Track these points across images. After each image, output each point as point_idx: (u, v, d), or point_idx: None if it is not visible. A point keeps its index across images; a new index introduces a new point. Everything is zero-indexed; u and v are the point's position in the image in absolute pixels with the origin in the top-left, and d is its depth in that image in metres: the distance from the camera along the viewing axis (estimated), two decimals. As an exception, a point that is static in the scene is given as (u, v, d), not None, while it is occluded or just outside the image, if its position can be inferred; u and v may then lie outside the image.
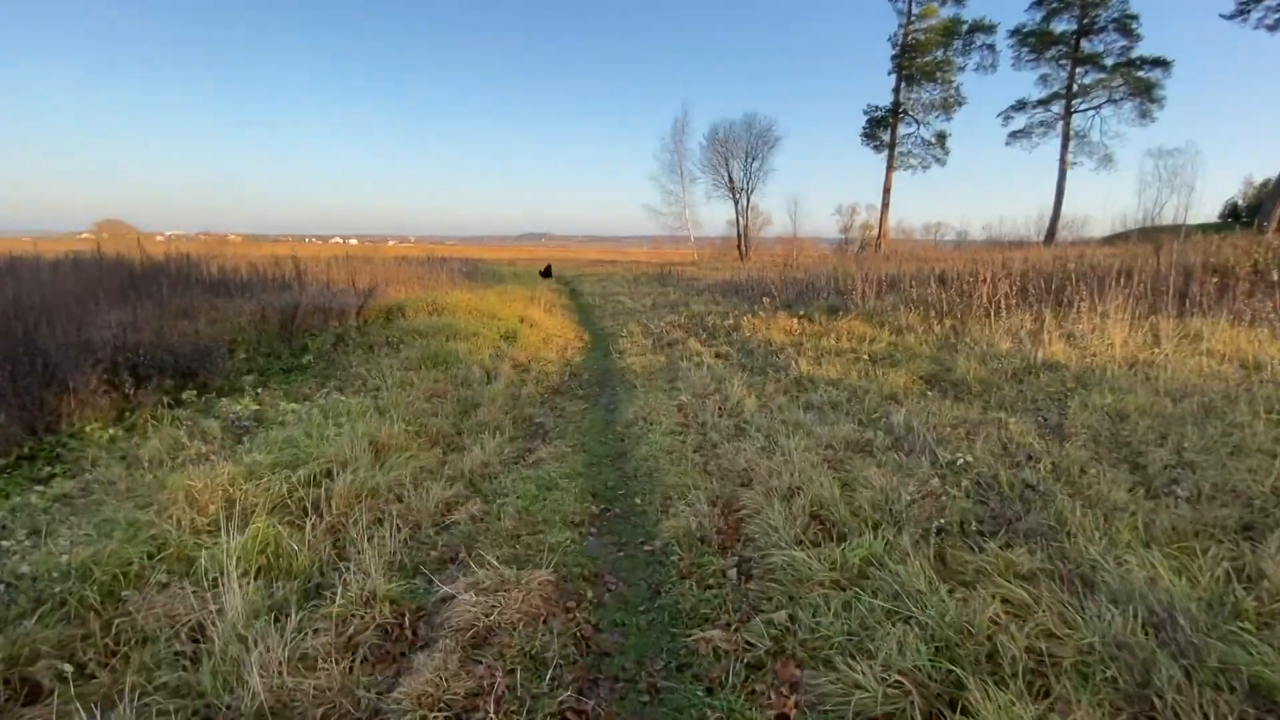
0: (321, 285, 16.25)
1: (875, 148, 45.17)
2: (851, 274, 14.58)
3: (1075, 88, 41.63)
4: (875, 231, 46.46)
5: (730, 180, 47.26)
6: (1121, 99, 41.18)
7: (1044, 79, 42.55)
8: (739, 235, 48.09)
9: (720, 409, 7.05)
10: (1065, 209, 41.98)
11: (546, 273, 28.71)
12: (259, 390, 8.36)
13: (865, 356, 8.98)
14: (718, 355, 10.37)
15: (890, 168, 44.70)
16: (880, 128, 44.63)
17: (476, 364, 9.74)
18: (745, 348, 10.65)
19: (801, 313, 12.64)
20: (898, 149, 44.43)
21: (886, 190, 45.37)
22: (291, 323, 12.43)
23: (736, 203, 47.80)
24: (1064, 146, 42.93)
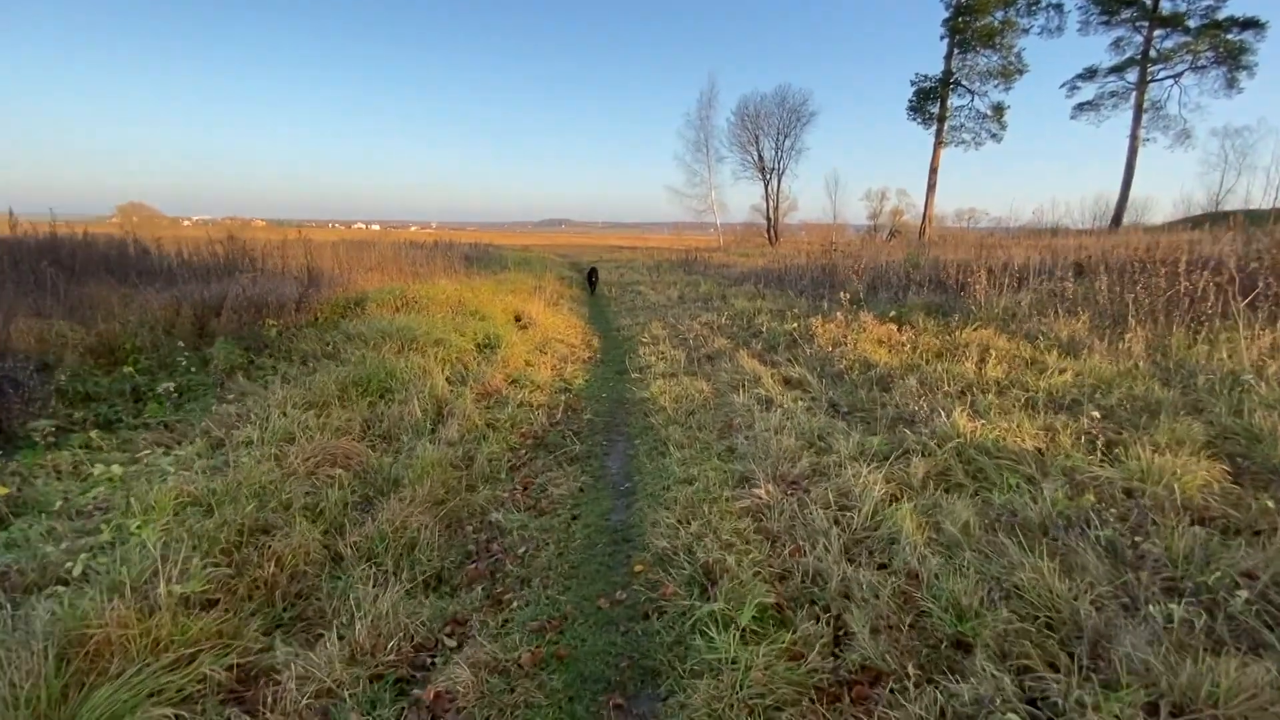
0: (277, 273, 13.02)
1: (923, 122, 40.69)
2: (949, 260, 10.89)
3: (1153, 53, 36.77)
4: (904, 218, 42.22)
5: (760, 159, 43.31)
6: (1205, 65, 36.21)
7: (1117, 44, 37.70)
8: (768, 219, 44.18)
9: (845, 529, 3.56)
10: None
11: (591, 280, 19.46)
12: (71, 436, 5.09)
13: (1042, 395, 5.42)
14: (788, 382, 6.85)
15: (938, 144, 40.26)
16: (929, 100, 40.12)
17: (423, 393, 6.34)
18: (827, 369, 7.10)
19: (892, 314, 9.03)
20: (948, 123, 39.97)
21: (934, 170, 40.97)
22: (216, 318, 9.17)
23: (766, 184, 43.87)
24: (1136, 120, 38.08)
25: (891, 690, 2.36)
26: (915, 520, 3.53)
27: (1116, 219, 36.07)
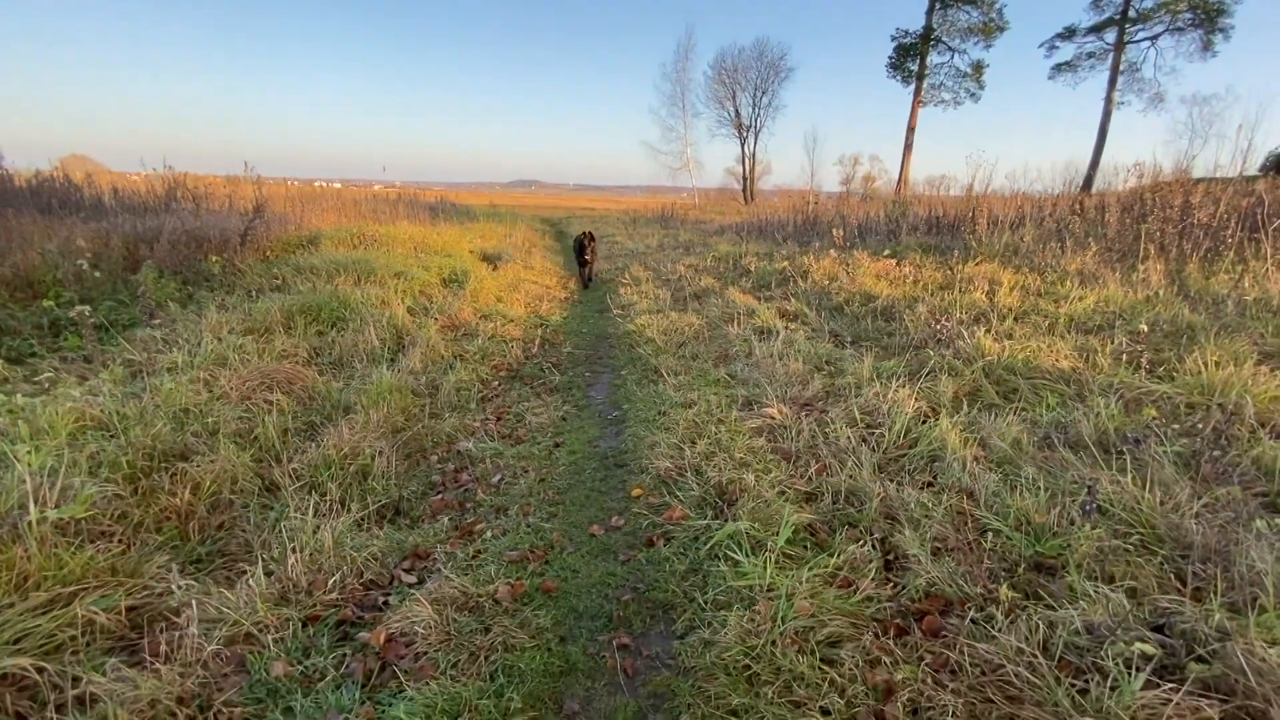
0: (222, 211, 11.85)
1: (902, 80, 39.94)
2: (945, 202, 10.43)
3: (1132, 13, 36.53)
4: (876, 184, 41.80)
5: (737, 115, 42.16)
6: (1183, 27, 36.15)
7: (1096, 3, 37.36)
8: (744, 178, 43.31)
9: (875, 448, 3.06)
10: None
11: (583, 258, 10.11)
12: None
13: (1064, 321, 5.00)
14: (785, 315, 6.32)
15: (917, 102, 39.66)
16: (909, 56, 39.33)
17: (381, 323, 5.62)
18: (825, 303, 6.59)
19: (887, 252, 8.54)
20: (927, 81, 39.33)
21: (911, 129, 40.41)
22: (150, 251, 8.16)
23: (743, 142, 42.84)
24: (1111, 82, 37.96)
25: (973, 621, 1.87)
26: (959, 436, 3.04)
27: (1088, 182, 36.17)
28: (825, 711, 1.60)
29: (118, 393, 3.90)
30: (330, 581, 2.35)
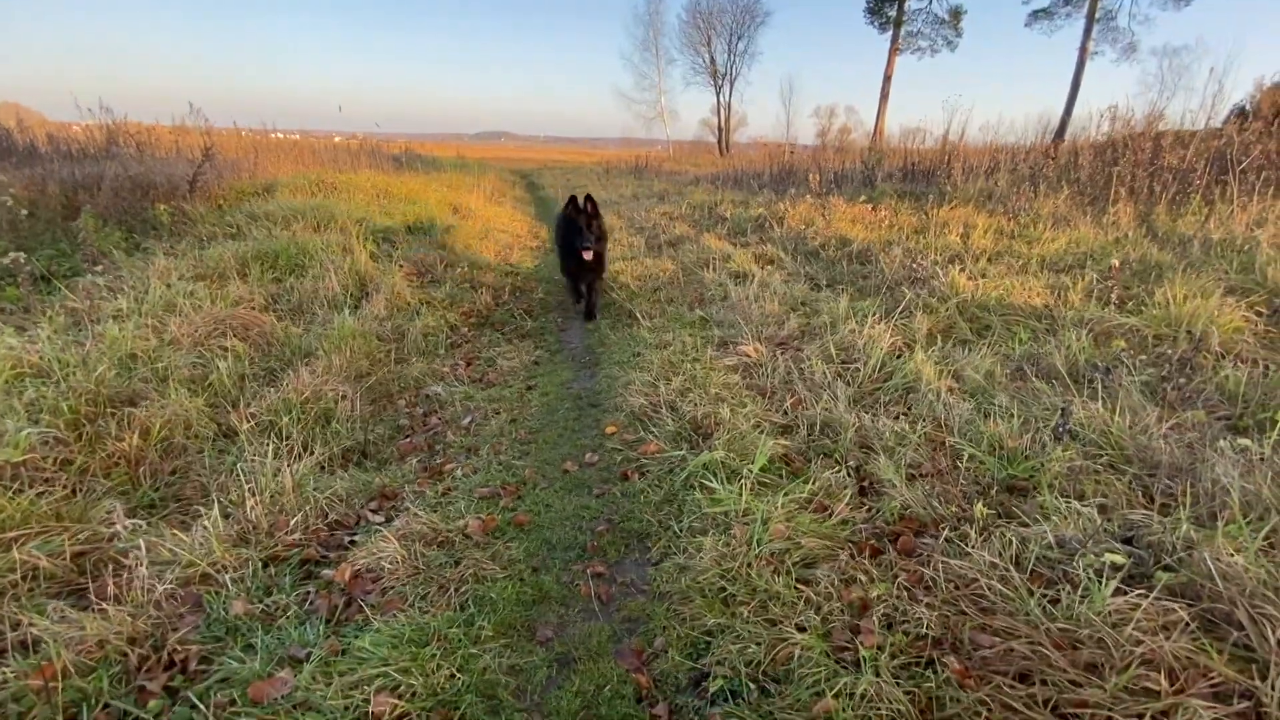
0: (169, 158, 11.15)
1: (880, 26, 39.09)
2: (920, 151, 10.32)
3: (1112, -44, 36.03)
4: (852, 136, 41.29)
5: (712, 62, 40.99)
6: (1160, -28, 35.87)
7: (1076, -54, 36.72)
8: (719, 129, 42.46)
9: (850, 382, 3.04)
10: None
11: (570, 250, 4.61)
12: None
13: (1036, 261, 5.01)
14: (761, 260, 6.23)
15: (894, 50, 38.91)
16: (887, 2, 38.46)
17: (343, 269, 5.38)
18: (801, 247, 6.51)
19: (863, 198, 8.45)
20: (904, 28, 38.55)
21: (887, 78, 39.75)
22: (91, 199, 7.65)
23: (718, 90, 41.80)
24: (1087, 31, 37.60)
25: (947, 540, 1.87)
26: (934, 369, 3.03)
27: (1060, 132, 36.28)
28: (801, 628, 1.59)
29: (58, 340, 3.68)
30: (292, 522, 2.26)
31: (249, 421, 2.99)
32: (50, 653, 1.60)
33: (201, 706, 1.49)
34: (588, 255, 4.48)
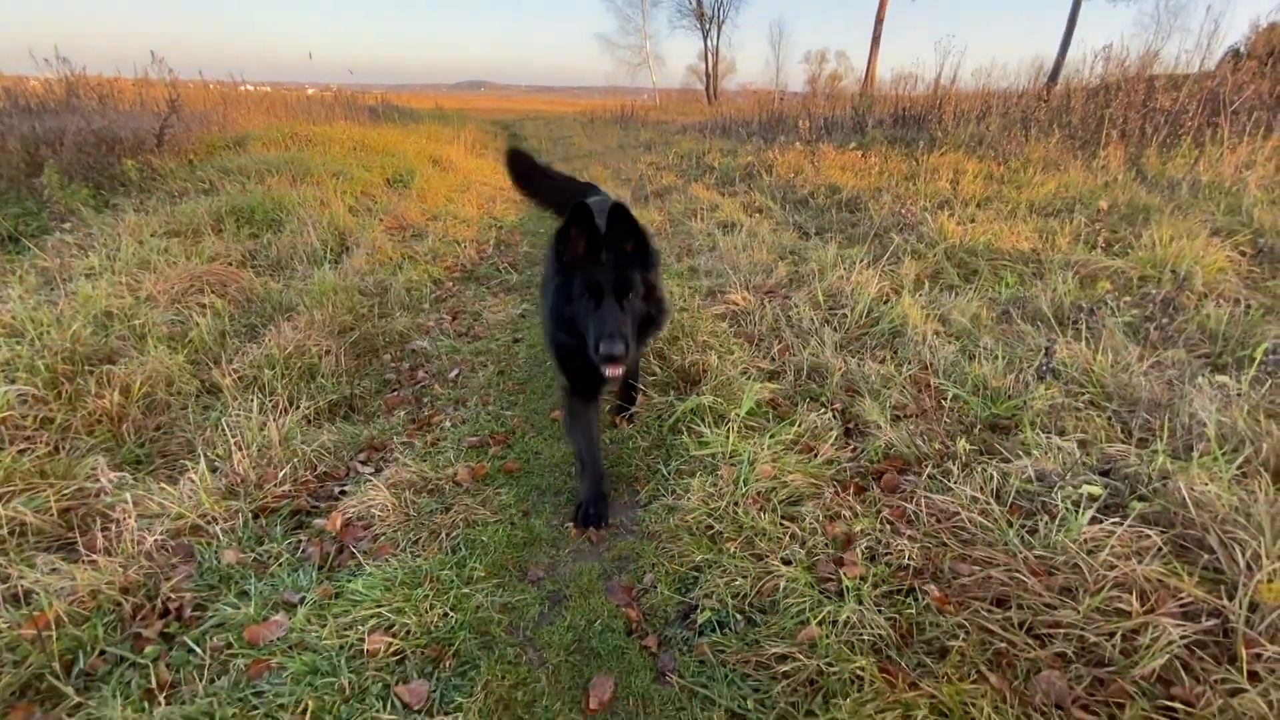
0: (134, 112, 10.67)
1: (872, -36, 37.67)
2: (912, 96, 10.09)
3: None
4: (842, 83, 40.26)
5: (698, 4, 39.46)
6: (1161, -96, 34.60)
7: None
8: (707, 75, 41.18)
9: (838, 328, 3.04)
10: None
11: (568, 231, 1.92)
12: None
13: (1024, 206, 4.98)
14: (749, 209, 6.14)
15: (887, -10, 37.66)
16: (880, -62, 36.90)
17: (321, 224, 5.25)
18: (790, 196, 6.41)
19: (853, 145, 8.31)
20: (898, -34, 37.15)
21: (879, 20, 38.36)
22: (54, 155, 7.34)
23: (705, 35, 40.36)
24: (1084, -31, 36.67)
25: (930, 476, 1.90)
26: (920, 313, 3.03)
27: (1054, 75, 35.61)
28: (786, 561, 1.63)
29: (30, 300, 3.58)
30: (281, 474, 2.25)
31: (231, 377, 2.95)
32: (42, 603, 1.60)
33: (199, 650, 1.51)
34: (615, 372, 1.86)
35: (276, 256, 4.67)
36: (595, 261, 1.87)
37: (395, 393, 3.15)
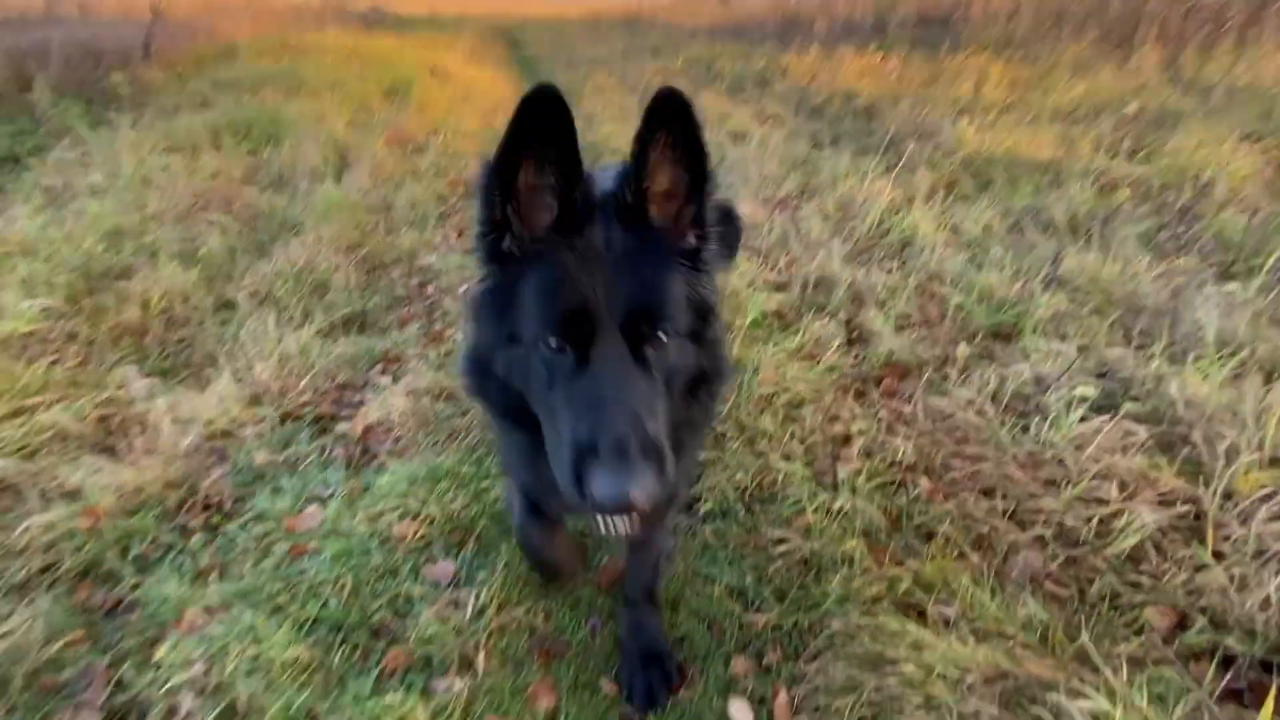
0: (115, 22, 10.20)
1: None
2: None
3: None
4: None
5: (711, -111, 36.01)
6: None
7: None
8: (719, -27, 38.24)
9: (847, 239, 3.01)
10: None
11: None
12: None
13: (1049, 112, 4.76)
14: (761, 118, 5.91)
15: None
16: None
17: (321, 138, 5.13)
18: (804, 104, 6.15)
19: (873, 48, 7.85)
20: None
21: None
22: (42, 72, 7.10)
23: (718, -76, 37.12)
24: None
25: (929, 381, 1.96)
26: (931, 223, 2.99)
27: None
28: (786, 457, 1.72)
29: (39, 219, 3.59)
30: (302, 384, 2.35)
31: (246, 292, 3.01)
32: (93, 499, 1.73)
33: (243, 535, 1.64)
34: (626, 527, 0.95)
35: (278, 172, 4.60)
36: (576, 246, 0.87)
37: (407, 308, 3.20)
